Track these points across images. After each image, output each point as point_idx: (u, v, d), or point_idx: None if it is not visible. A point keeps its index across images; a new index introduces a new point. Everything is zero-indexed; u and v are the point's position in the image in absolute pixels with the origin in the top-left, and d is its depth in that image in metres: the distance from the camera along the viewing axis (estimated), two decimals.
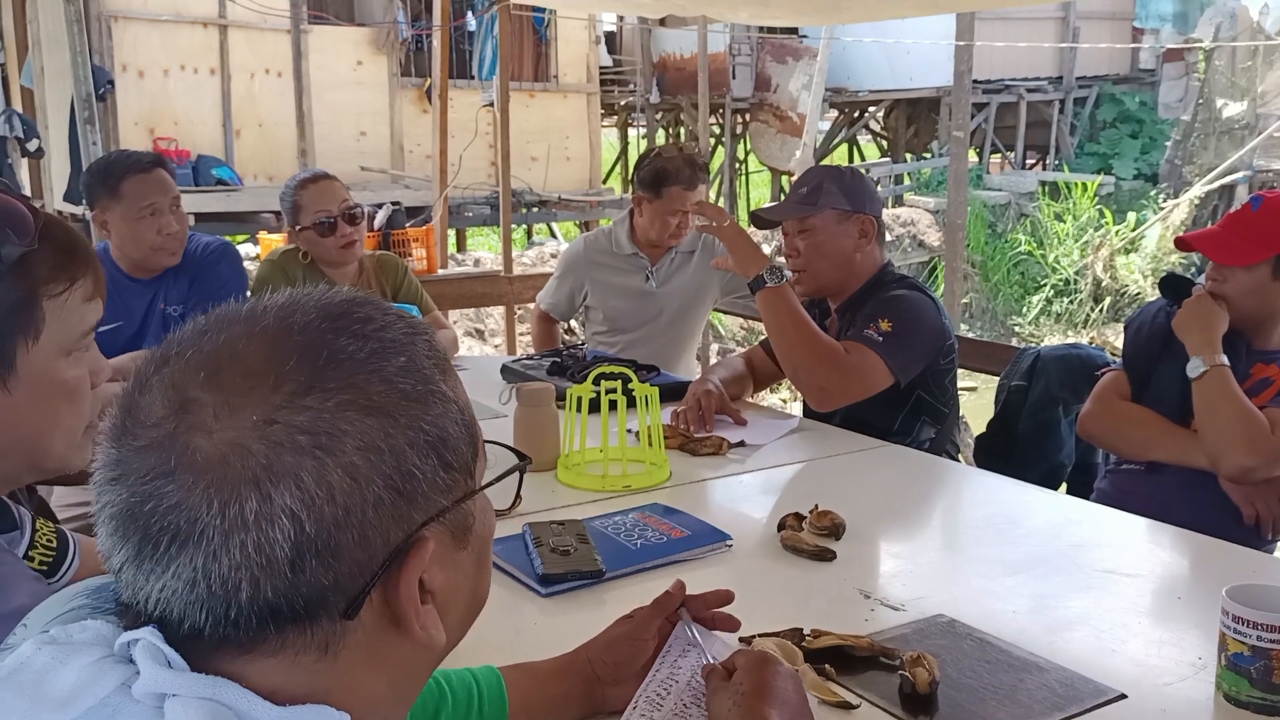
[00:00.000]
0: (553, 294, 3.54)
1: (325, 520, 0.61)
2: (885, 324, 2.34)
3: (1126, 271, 12.84)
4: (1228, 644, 1.22)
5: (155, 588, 0.61)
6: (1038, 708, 1.23)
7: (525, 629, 1.49)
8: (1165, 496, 2.08)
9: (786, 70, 13.92)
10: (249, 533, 0.59)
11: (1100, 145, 16.28)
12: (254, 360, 0.62)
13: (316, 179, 3.07)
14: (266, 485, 0.59)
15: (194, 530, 0.59)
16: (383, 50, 11.00)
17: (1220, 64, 14.57)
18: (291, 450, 0.60)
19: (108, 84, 7.53)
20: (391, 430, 0.63)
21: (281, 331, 0.64)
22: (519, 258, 9.54)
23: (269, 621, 0.61)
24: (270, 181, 10.04)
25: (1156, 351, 2.23)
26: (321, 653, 0.63)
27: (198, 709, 0.59)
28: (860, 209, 2.48)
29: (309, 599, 0.61)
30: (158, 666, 0.61)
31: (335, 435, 0.61)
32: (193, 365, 0.63)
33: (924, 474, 2.23)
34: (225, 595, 0.60)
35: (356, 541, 0.62)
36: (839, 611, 1.48)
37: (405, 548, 0.65)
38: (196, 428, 0.60)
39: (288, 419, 0.61)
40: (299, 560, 0.60)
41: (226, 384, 0.62)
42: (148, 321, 2.82)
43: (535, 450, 2.12)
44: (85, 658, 0.62)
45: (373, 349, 0.65)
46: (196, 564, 0.60)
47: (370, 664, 0.66)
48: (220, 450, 0.60)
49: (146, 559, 0.61)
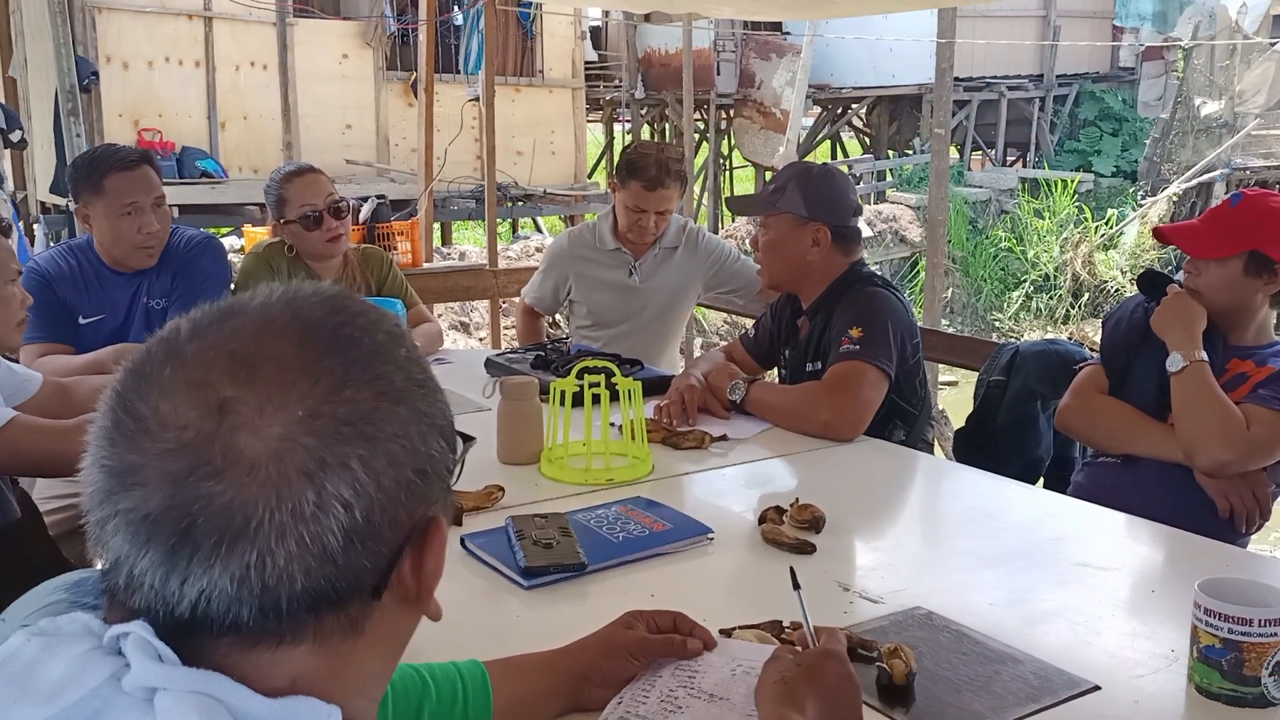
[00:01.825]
0: (537, 288, 3.55)
1: (371, 507, 0.63)
2: (855, 331, 2.36)
3: (1105, 268, 12.93)
4: (1200, 637, 1.24)
5: (192, 589, 0.61)
6: (1013, 699, 1.25)
7: (508, 621, 1.51)
8: (1141, 490, 2.10)
9: (770, 67, 13.94)
10: (306, 525, 0.61)
11: (1080, 143, 16.38)
12: (286, 357, 0.64)
13: (302, 172, 3.07)
14: (320, 476, 0.61)
15: (247, 528, 0.60)
16: (369, 44, 10.97)
17: (1199, 63, 14.66)
18: (340, 441, 0.62)
19: (91, 75, 7.48)
20: (415, 417, 0.67)
21: (303, 327, 0.66)
22: (504, 251, 9.53)
23: (313, 608, 0.63)
24: (255, 174, 10.00)
25: (1134, 346, 2.25)
26: (351, 633, 0.66)
27: (188, 702, 0.60)
28: (816, 217, 2.49)
29: (349, 583, 0.63)
30: (149, 660, 0.61)
31: (375, 424, 0.64)
32: (213, 364, 0.63)
33: (904, 468, 2.25)
34: (277, 588, 0.61)
35: (389, 524, 0.65)
36: (818, 604, 1.48)
37: (425, 526, 0.68)
38: (241, 427, 0.61)
39: (331, 411, 0.63)
40: (348, 547, 0.62)
41: (263, 382, 0.62)
42: (131, 314, 2.82)
43: (518, 443, 2.13)
44: (74, 649, 0.62)
45: (382, 341, 0.68)
46: (249, 560, 0.60)
47: (376, 641, 0.68)
48: (271, 447, 0.61)
49: (183, 561, 0.60)
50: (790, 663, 1.11)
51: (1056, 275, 12.93)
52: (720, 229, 13.20)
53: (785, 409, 2.39)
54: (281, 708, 0.62)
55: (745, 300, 3.53)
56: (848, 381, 2.32)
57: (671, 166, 3.24)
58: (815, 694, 1.07)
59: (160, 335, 0.67)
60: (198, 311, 0.68)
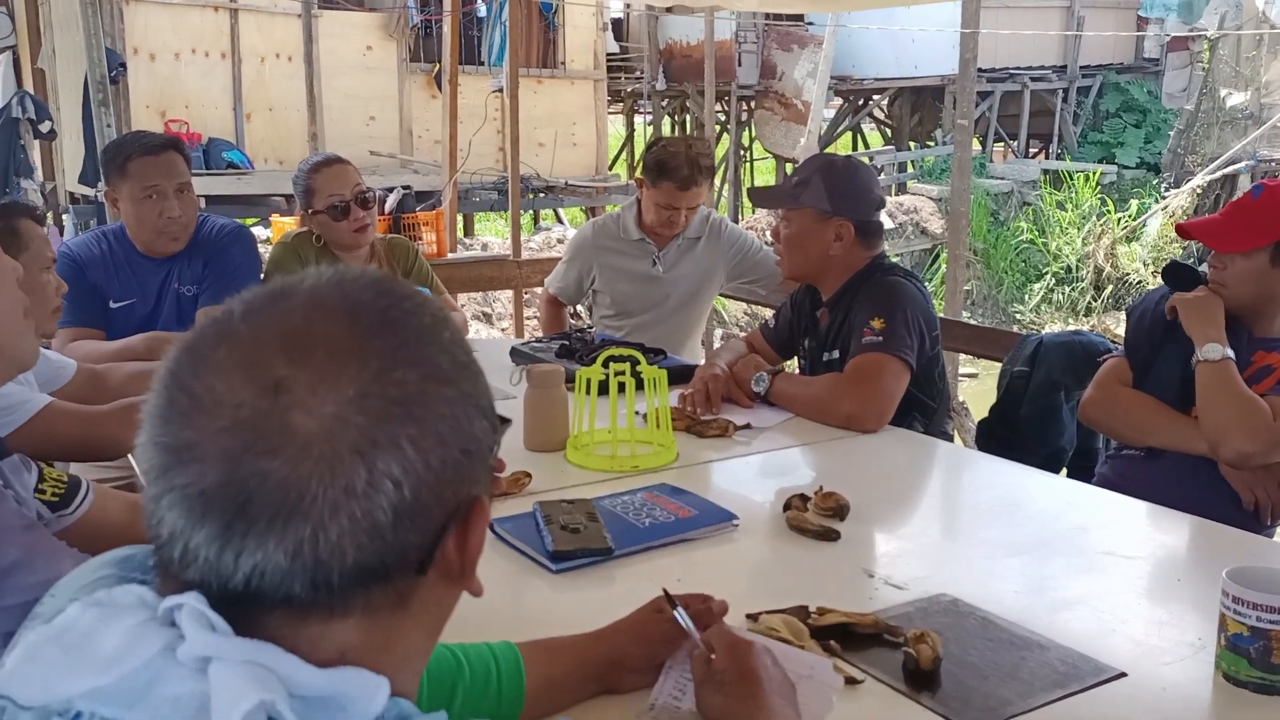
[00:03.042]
0: (561, 278, 3.57)
1: (420, 485, 0.65)
2: (877, 322, 2.36)
3: (1128, 260, 12.84)
4: (1227, 624, 1.25)
5: (247, 563, 0.62)
6: (1039, 685, 1.26)
7: (536, 604, 1.52)
8: (1165, 481, 2.10)
9: (792, 58, 13.91)
10: (358, 501, 0.63)
11: (1104, 134, 16.25)
12: (338, 338, 0.65)
13: (330, 163, 3.09)
14: (371, 454, 0.63)
15: (301, 504, 0.62)
16: (392, 36, 11.00)
17: (1225, 53, 14.52)
18: (390, 420, 0.64)
19: (119, 67, 7.54)
20: (461, 398, 0.69)
21: (352, 309, 0.67)
22: (526, 243, 9.54)
23: (363, 583, 0.64)
24: (280, 165, 10.06)
25: (1158, 338, 2.25)
26: (398, 607, 0.67)
27: (241, 672, 0.61)
28: (840, 212, 2.48)
29: (398, 558, 0.65)
30: (203, 630, 0.63)
31: (424, 404, 0.66)
32: (267, 344, 0.65)
33: (927, 457, 2.25)
34: (330, 562, 0.63)
35: (436, 502, 0.66)
36: (844, 590, 1.51)
37: (469, 504, 0.69)
38: (295, 405, 0.63)
39: (382, 391, 0.64)
40: (397, 523, 0.64)
41: (316, 362, 0.64)
42: (162, 299, 2.85)
43: (545, 431, 2.15)
44: (128, 620, 0.64)
45: (427, 324, 0.69)
46: (303, 535, 0.62)
47: (421, 616, 0.70)
48: (325, 425, 0.63)
49: (238, 536, 0.62)
50: (716, 681, 1.10)
51: (1079, 267, 12.85)
52: (740, 220, 13.18)
53: (808, 401, 2.39)
54: (332, 678, 0.64)
55: (768, 291, 3.53)
56: (870, 373, 2.33)
57: (702, 163, 3.27)
58: (765, 685, 1.07)
59: (213, 316, 0.68)
60: (249, 293, 0.69)
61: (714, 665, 1.11)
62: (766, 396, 2.45)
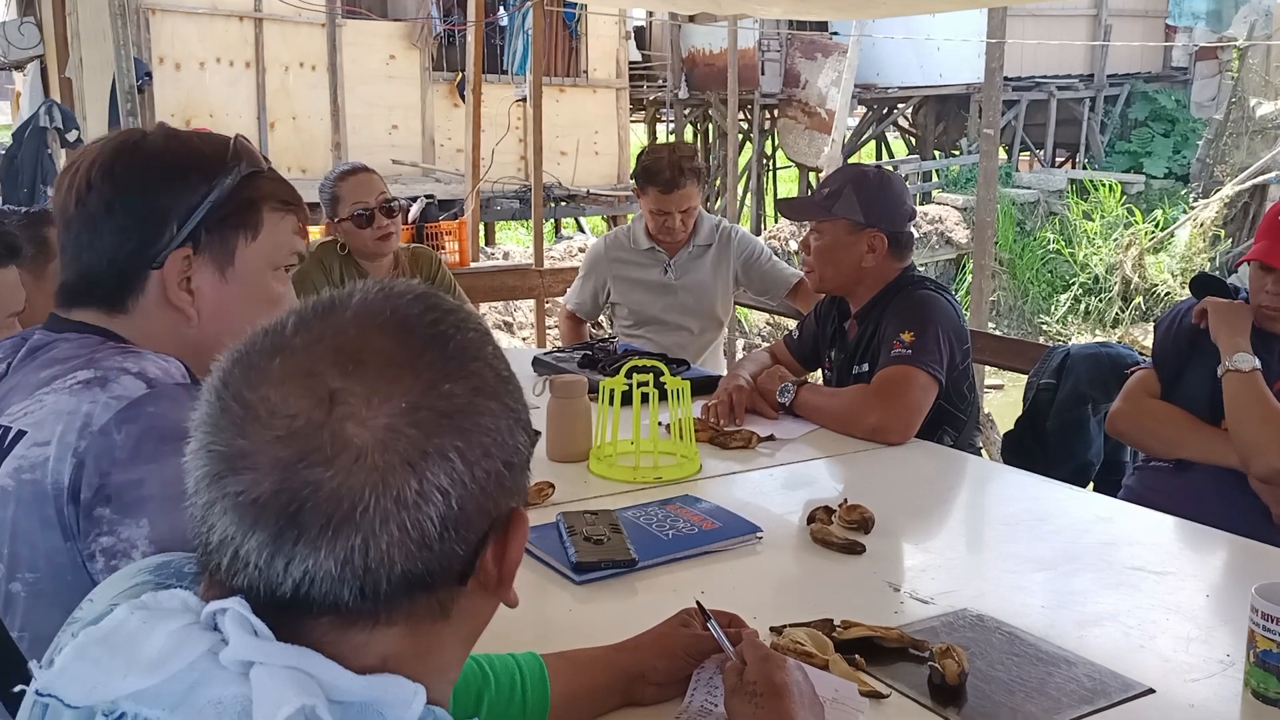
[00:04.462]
0: (577, 294, 3.63)
1: (466, 496, 0.66)
2: (907, 335, 2.34)
3: (1156, 271, 12.74)
4: (1257, 641, 1.23)
5: (297, 570, 0.63)
6: (1066, 700, 1.25)
7: (559, 615, 1.52)
8: (1193, 494, 2.08)
9: (816, 66, 13.88)
10: (408, 511, 0.64)
11: (1131, 144, 16.15)
12: (390, 352, 0.67)
13: (355, 171, 3.12)
14: (422, 466, 0.64)
15: (354, 513, 0.63)
16: (415, 45, 11.07)
17: (1254, 62, 14.40)
18: (440, 433, 0.65)
19: (145, 76, 7.62)
20: (505, 412, 0.70)
21: (402, 323, 0.69)
22: (547, 252, 9.57)
23: (409, 592, 0.66)
24: (304, 174, 10.12)
25: (1186, 350, 2.23)
26: (440, 616, 0.68)
27: (283, 676, 0.62)
28: (874, 224, 2.47)
29: (442, 568, 0.66)
30: (246, 635, 0.64)
31: (472, 417, 0.67)
32: (321, 357, 0.66)
33: (952, 470, 2.24)
34: (378, 570, 0.64)
35: (479, 513, 0.67)
36: (868, 604, 1.50)
37: (508, 516, 0.71)
38: (349, 417, 0.64)
39: (432, 404, 0.66)
40: (444, 534, 0.65)
41: (369, 375, 0.66)
42: None
43: (568, 441, 2.15)
44: (173, 624, 0.65)
45: (471, 338, 0.71)
46: (354, 544, 0.63)
47: (460, 626, 0.71)
48: (377, 437, 0.64)
49: (289, 543, 0.63)
50: (747, 692, 1.10)
51: (1106, 278, 12.76)
52: (763, 230, 13.17)
53: (834, 412, 2.38)
54: (371, 684, 0.65)
55: (776, 301, 3.56)
56: (897, 386, 2.31)
57: (685, 165, 3.29)
58: (795, 699, 1.08)
59: (265, 328, 0.70)
60: (301, 305, 0.71)
61: (746, 676, 1.11)
62: (791, 407, 2.44)
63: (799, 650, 1.29)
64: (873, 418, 2.29)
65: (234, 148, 1.23)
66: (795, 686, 1.10)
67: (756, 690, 1.09)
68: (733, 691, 1.12)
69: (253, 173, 1.23)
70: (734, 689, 1.12)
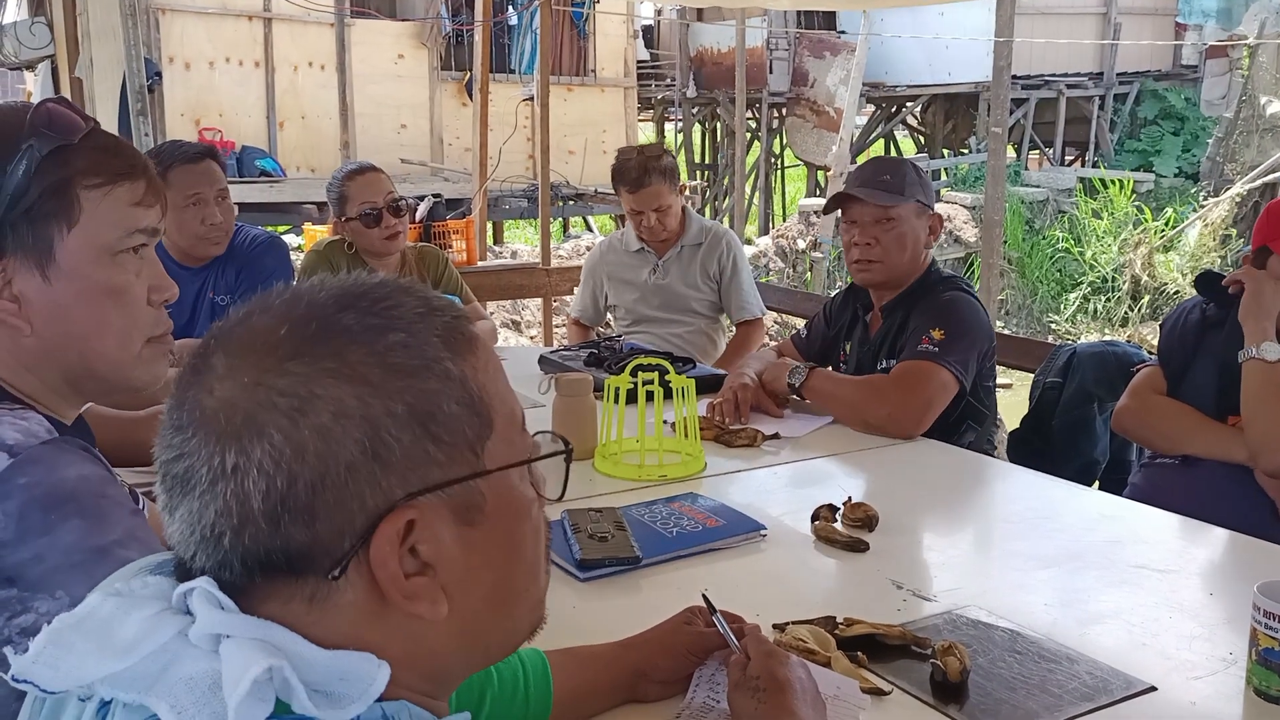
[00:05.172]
0: (579, 301, 3.78)
1: (298, 478, 0.65)
2: (937, 333, 2.34)
3: (1165, 270, 12.69)
4: (1259, 639, 1.23)
5: (172, 530, 0.68)
6: (1068, 698, 1.25)
7: (563, 612, 1.52)
8: (1199, 491, 2.07)
9: (824, 65, 13.87)
10: (229, 483, 0.65)
11: (1141, 142, 16.08)
12: (258, 330, 0.68)
13: (363, 170, 3.13)
14: (245, 440, 0.65)
15: (189, 479, 0.66)
16: (424, 44, 11.10)
17: (1264, 60, 14.32)
18: (269, 410, 0.65)
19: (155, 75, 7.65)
20: (369, 399, 0.66)
21: (289, 305, 0.70)
22: (555, 250, 9.57)
23: (255, 570, 0.66)
24: (312, 173, 10.16)
25: (1192, 346, 2.22)
26: (307, 603, 0.67)
27: (251, 649, 0.63)
28: (932, 206, 2.52)
29: (292, 553, 0.66)
30: (212, 609, 0.65)
31: (309, 399, 0.65)
32: (223, 334, 0.70)
33: (957, 468, 2.24)
34: (213, 540, 0.66)
35: (333, 504, 0.65)
36: (871, 601, 1.50)
37: (382, 516, 0.66)
38: (203, 386, 0.67)
39: (271, 381, 0.66)
40: (275, 514, 0.65)
41: (232, 350, 0.68)
42: (198, 309, 2.89)
43: (573, 439, 2.12)
44: (146, 610, 0.66)
45: (370, 324, 0.69)
46: (193, 509, 0.66)
47: (374, 628, 0.68)
48: (215, 407, 0.66)
49: (166, 508, 0.68)
50: (750, 686, 1.11)
51: (1115, 277, 12.72)
52: (771, 228, 13.16)
53: (846, 399, 2.37)
54: (335, 658, 0.66)
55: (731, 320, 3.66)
56: (916, 379, 2.31)
57: (651, 165, 3.36)
58: (798, 696, 1.08)
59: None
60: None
61: (749, 671, 1.12)
62: (800, 390, 2.43)
63: (801, 647, 1.29)
64: (886, 408, 2.29)
65: (30, 121, 1.05)
66: (798, 683, 1.10)
67: (759, 685, 1.10)
68: (736, 686, 1.13)
69: (57, 148, 1.06)
70: (737, 683, 1.13)
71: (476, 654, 0.77)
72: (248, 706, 0.60)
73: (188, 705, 0.62)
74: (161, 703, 0.62)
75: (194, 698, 0.62)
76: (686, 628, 1.26)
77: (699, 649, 1.24)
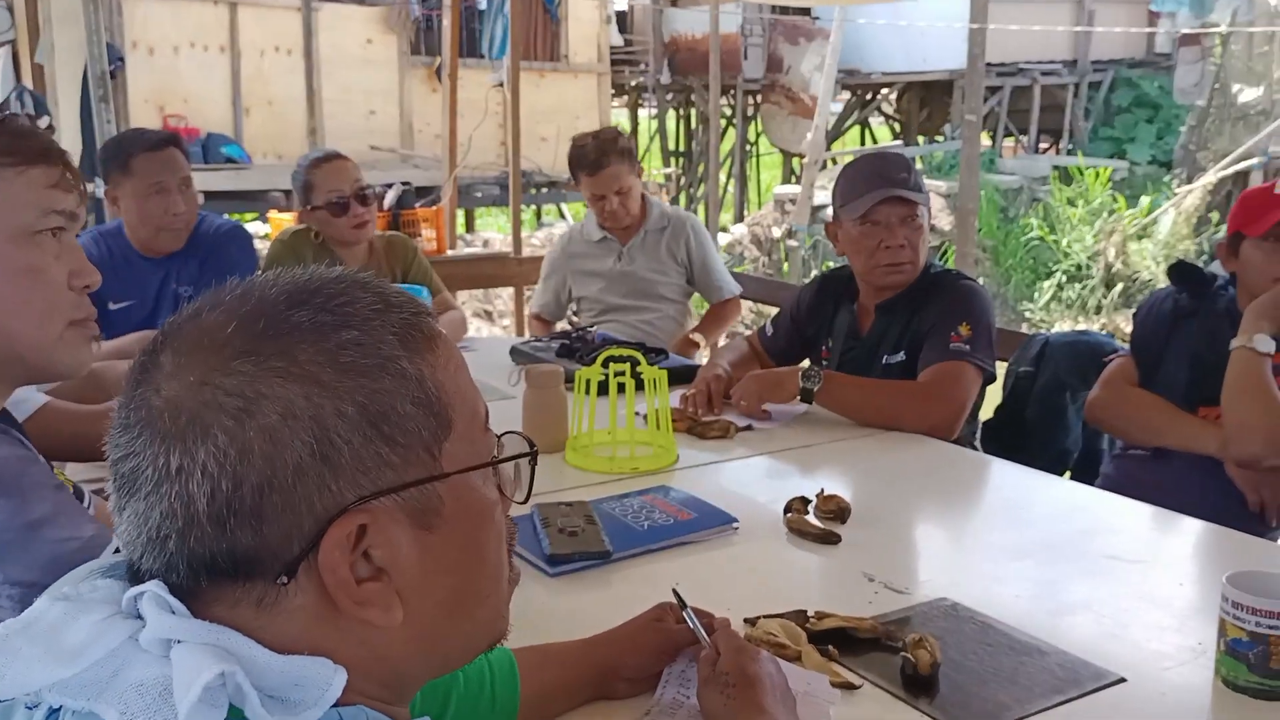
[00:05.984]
0: (540, 296, 3.72)
1: (244, 481, 0.63)
2: (965, 329, 2.29)
3: (1139, 258, 12.78)
4: (1227, 629, 1.23)
5: (121, 531, 0.66)
6: (1038, 690, 1.24)
7: (533, 608, 1.50)
8: (1170, 482, 2.08)
9: (798, 52, 13.87)
10: (174, 485, 0.63)
11: (1115, 129, 16.17)
12: (207, 327, 0.66)
13: (329, 158, 3.09)
14: (190, 441, 0.63)
15: (136, 479, 0.64)
16: (393, 29, 11.00)
17: (1237, 49, 14.43)
18: (215, 410, 0.63)
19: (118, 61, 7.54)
20: (317, 399, 0.64)
21: (239, 301, 0.67)
22: (528, 239, 9.54)
23: (202, 573, 0.64)
24: (279, 160, 10.06)
25: (1164, 337, 2.22)
26: (255, 607, 0.65)
27: (203, 654, 0.61)
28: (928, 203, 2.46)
29: (239, 557, 0.64)
30: (162, 613, 0.63)
31: (256, 399, 0.63)
32: (167, 331, 0.68)
33: (930, 459, 2.23)
34: (159, 542, 0.64)
35: (281, 507, 0.64)
36: (843, 594, 1.49)
37: (331, 520, 0.64)
38: (150, 385, 0.65)
39: (218, 381, 0.64)
40: (221, 517, 0.63)
41: (181, 348, 0.66)
42: (160, 301, 2.85)
43: (543, 432, 2.13)
44: (95, 615, 0.65)
45: (320, 321, 0.66)
46: (139, 510, 0.64)
47: (327, 634, 0.67)
48: (161, 406, 0.64)
49: (116, 507, 0.67)
50: (721, 680, 1.10)
51: (1089, 265, 12.79)
52: (746, 215, 13.16)
53: (879, 407, 2.28)
54: (289, 663, 0.64)
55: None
56: (956, 382, 2.26)
57: (608, 146, 3.33)
58: (767, 692, 1.08)
59: None
60: None
61: (719, 667, 1.11)
62: (816, 396, 2.31)
63: (771, 641, 1.28)
64: (934, 415, 2.23)
65: None
66: (768, 679, 1.09)
67: (729, 681, 1.09)
68: (705, 682, 1.12)
69: None
70: (707, 679, 1.12)
71: (435, 661, 0.75)
72: (199, 712, 0.59)
73: (138, 712, 0.60)
74: (111, 709, 0.60)
75: (144, 704, 0.60)
76: (656, 625, 1.24)
77: (669, 647, 1.23)
